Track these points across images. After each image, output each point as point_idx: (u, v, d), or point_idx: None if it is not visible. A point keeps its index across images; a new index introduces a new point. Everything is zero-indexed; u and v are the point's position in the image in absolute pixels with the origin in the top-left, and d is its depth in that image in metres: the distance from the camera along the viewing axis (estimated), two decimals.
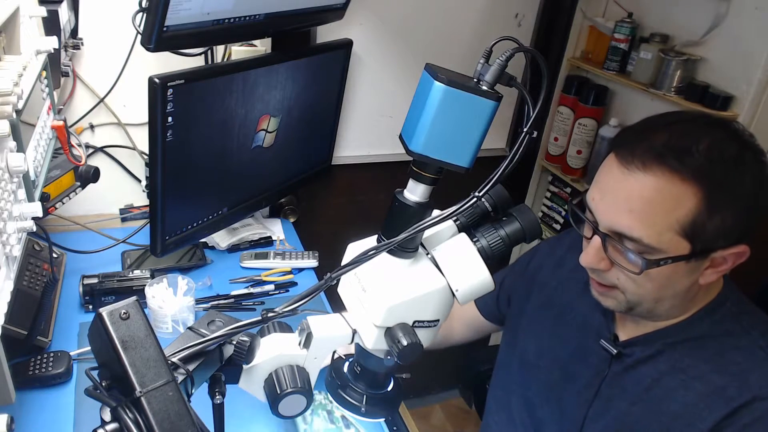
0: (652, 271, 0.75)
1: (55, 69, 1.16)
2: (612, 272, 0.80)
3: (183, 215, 1.29)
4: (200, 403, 0.67)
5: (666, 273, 0.76)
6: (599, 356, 0.92)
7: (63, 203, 1.10)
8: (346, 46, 1.55)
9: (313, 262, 1.52)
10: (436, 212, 0.66)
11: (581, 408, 0.92)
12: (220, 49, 1.51)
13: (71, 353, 1.11)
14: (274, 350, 0.74)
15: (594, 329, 0.94)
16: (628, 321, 0.91)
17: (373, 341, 0.69)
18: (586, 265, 0.81)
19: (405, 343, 0.65)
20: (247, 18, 1.20)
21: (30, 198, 0.76)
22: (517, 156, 0.61)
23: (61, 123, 0.91)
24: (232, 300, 1.37)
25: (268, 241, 1.61)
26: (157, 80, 1.05)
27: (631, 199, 0.74)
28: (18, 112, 0.68)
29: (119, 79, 1.48)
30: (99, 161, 1.57)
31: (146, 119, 1.09)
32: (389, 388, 0.79)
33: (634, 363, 0.87)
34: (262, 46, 1.52)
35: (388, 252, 0.67)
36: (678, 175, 0.72)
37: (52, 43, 0.88)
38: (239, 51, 1.50)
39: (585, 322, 0.96)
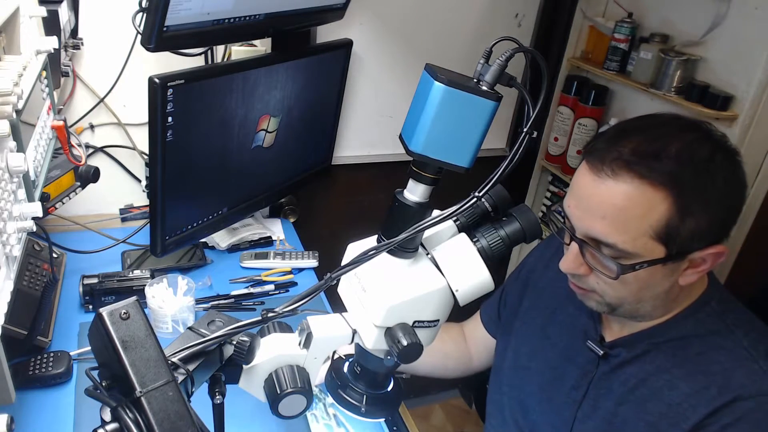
0: (629, 275, 0.76)
1: (55, 69, 1.16)
2: (591, 277, 0.81)
3: (183, 215, 1.29)
4: (200, 403, 0.67)
5: (643, 276, 0.77)
6: (586, 357, 0.92)
7: (63, 203, 1.10)
8: (346, 46, 1.55)
9: (313, 262, 1.52)
10: (436, 212, 0.66)
11: (571, 409, 0.93)
12: (220, 49, 1.51)
13: (71, 353, 1.11)
14: (274, 350, 0.74)
15: (581, 330, 0.95)
16: (614, 322, 0.91)
17: (373, 341, 0.69)
18: (566, 270, 0.82)
19: (405, 343, 0.65)
20: (247, 18, 1.20)
21: (30, 198, 0.76)
22: (517, 156, 0.61)
23: (61, 123, 0.91)
24: (232, 300, 1.37)
25: (268, 241, 1.61)
26: (157, 80, 1.05)
27: (603, 206, 0.75)
28: (18, 112, 0.68)
29: (119, 79, 1.48)
30: (99, 161, 1.57)
31: (146, 119, 1.09)
32: (389, 388, 0.79)
33: (621, 363, 0.87)
34: (262, 46, 1.52)
35: (388, 252, 0.67)
36: (648, 181, 0.72)
37: (52, 43, 0.88)
38: (239, 51, 1.50)
39: (573, 323, 0.97)
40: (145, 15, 1.02)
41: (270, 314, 0.69)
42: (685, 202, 0.72)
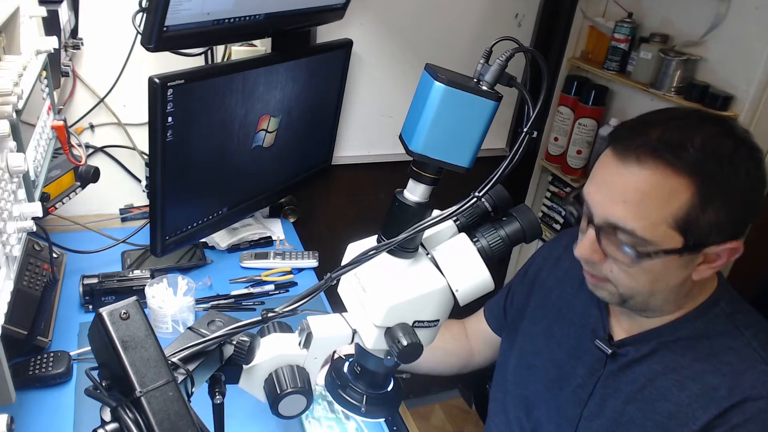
0: (645, 263, 0.76)
1: (55, 69, 1.16)
2: (606, 265, 0.81)
3: (183, 215, 1.29)
4: (200, 403, 0.67)
5: (658, 266, 0.77)
6: (594, 356, 0.92)
7: (63, 203, 1.10)
8: (346, 46, 1.55)
9: (313, 262, 1.52)
10: (436, 212, 0.66)
11: (576, 407, 0.93)
12: (220, 49, 1.51)
13: (71, 353, 1.11)
14: (274, 350, 0.74)
15: (589, 329, 0.95)
16: (623, 320, 0.91)
17: (373, 341, 0.69)
18: (580, 256, 0.82)
19: (405, 343, 0.65)
20: (247, 18, 1.20)
21: (30, 198, 0.76)
22: (517, 156, 0.61)
23: (61, 123, 0.91)
24: (232, 300, 1.37)
25: (268, 241, 1.61)
26: (157, 80, 1.05)
27: (625, 191, 0.75)
28: (18, 112, 0.68)
29: (119, 79, 1.48)
30: (99, 161, 1.57)
31: (146, 119, 1.09)
32: (389, 388, 0.80)
33: (629, 363, 0.87)
34: (262, 46, 1.52)
35: (388, 252, 0.67)
36: (672, 169, 0.72)
37: (52, 43, 0.88)
38: (239, 51, 1.50)
39: (580, 322, 0.97)
40: (145, 15, 1.02)
41: (270, 314, 0.69)
42: (707, 192, 0.72)
